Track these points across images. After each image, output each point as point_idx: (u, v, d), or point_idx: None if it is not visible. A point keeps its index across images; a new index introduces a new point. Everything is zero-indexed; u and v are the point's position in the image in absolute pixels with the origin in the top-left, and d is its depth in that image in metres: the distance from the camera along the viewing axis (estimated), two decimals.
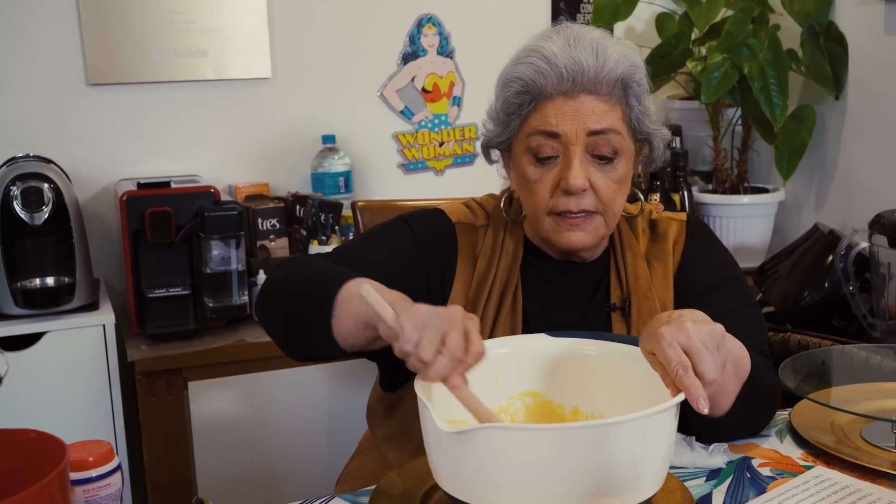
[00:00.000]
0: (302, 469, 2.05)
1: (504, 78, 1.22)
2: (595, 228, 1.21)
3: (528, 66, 1.18)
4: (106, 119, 2.24)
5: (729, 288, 1.28)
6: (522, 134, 1.21)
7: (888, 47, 2.22)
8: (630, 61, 1.19)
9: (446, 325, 0.92)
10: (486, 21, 2.57)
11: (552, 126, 1.17)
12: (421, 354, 0.91)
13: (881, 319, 1.92)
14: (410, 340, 0.91)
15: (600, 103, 1.17)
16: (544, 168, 1.19)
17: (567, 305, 1.28)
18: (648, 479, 0.90)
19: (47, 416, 1.85)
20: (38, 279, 1.90)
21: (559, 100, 1.17)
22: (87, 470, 0.94)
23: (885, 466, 1.08)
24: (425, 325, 0.92)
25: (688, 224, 1.32)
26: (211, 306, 1.99)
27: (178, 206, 1.96)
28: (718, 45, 2.27)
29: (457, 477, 0.90)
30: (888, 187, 2.24)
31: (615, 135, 1.18)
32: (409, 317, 0.92)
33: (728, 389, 1.07)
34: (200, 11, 2.27)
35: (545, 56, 1.17)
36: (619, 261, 1.29)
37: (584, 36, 1.18)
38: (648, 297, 1.25)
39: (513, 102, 1.20)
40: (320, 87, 2.43)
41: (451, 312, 0.94)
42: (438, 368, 0.91)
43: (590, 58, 1.16)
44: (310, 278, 1.11)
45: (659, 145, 1.25)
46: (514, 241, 1.28)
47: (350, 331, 1.03)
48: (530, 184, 1.21)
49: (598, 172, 1.19)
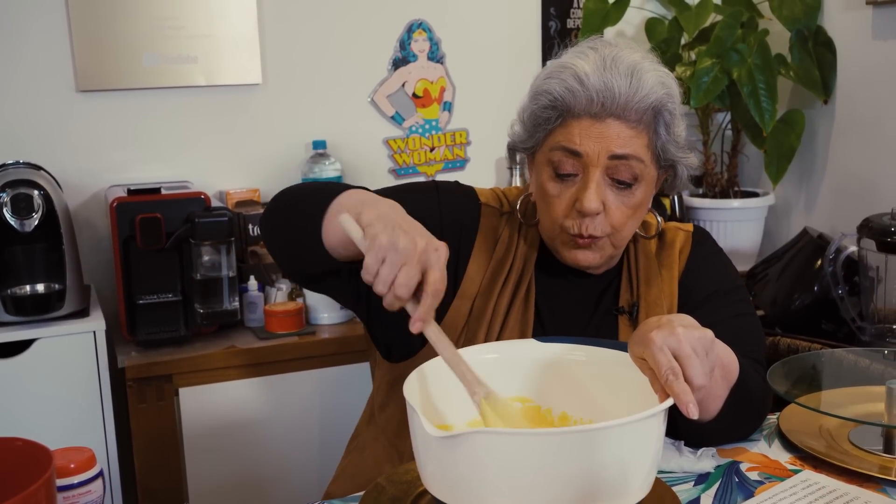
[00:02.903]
0: (293, 475, 2.05)
1: (534, 89, 1.21)
2: (601, 248, 1.22)
3: (559, 83, 1.17)
4: (96, 125, 2.23)
5: (728, 297, 1.29)
6: (546, 146, 1.21)
7: (876, 52, 2.23)
8: (665, 90, 1.18)
9: (403, 258, 0.95)
10: (476, 26, 2.58)
11: (575, 145, 1.17)
12: (376, 288, 0.96)
13: (870, 323, 1.93)
14: (370, 272, 0.96)
15: (627, 129, 1.16)
16: (563, 184, 1.20)
17: (577, 304, 1.29)
18: (637, 484, 0.90)
19: (38, 422, 1.85)
20: (29, 286, 1.90)
21: (586, 121, 1.16)
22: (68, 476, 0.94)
23: (873, 470, 1.08)
24: (384, 258, 0.95)
25: (694, 234, 1.35)
26: (201, 312, 1.99)
27: (168, 213, 1.95)
28: (708, 50, 2.28)
29: (445, 482, 0.90)
30: (877, 191, 2.25)
31: (637, 161, 1.17)
32: (373, 245, 0.96)
33: (716, 394, 1.08)
34: (191, 17, 2.27)
35: (577, 75, 1.15)
36: (633, 264, 1.30)
37: (621, 58, 1.16)
38: (658, 304, 1.27)
39: (540, 115, 1.20)
40: (311, 93, 2.43)
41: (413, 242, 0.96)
42: (388, 302, 0.96)
43: (623, 83, 1.14)
44: (309, 190, 1.17)
45: (683, 173, 1.24)
46: (531, 238, 1.30)
47: (338, 242, 1.07)
48: (548, 198, 1.21)
49: (614, 196, 1.19)
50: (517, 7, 2.63)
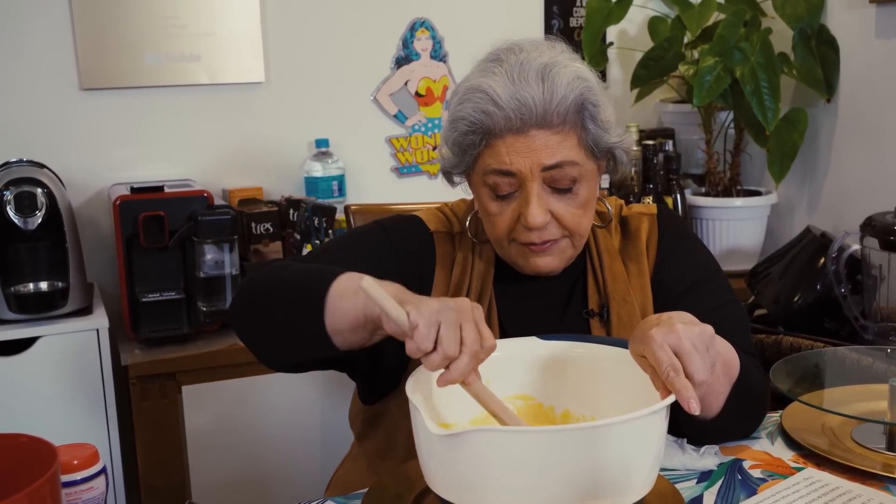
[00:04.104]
0: (295, 473, 2.05)
1: (451, 115, 1.16)
2: (562, 251, 1.19)
3: (473, 107, 1.12)
4: (99, 123, 2.24)
5: (709, 285, 1.26)
6: (479, 169, 1.17)
7: (879, 50, 2.23)
8: (583, 83, 1.12)
9: (460, 318, 0.90)
10: (479, 25, 2.57)
11: (506, 165, 1.12)
12: (447, 352, 0.88)
13: (873, 321, 1.92)
14: (429, 338, 0.88)
15: (552, 135, 1.12)
16: (504, 202, 1.16)
17: (544, 312, 1.26)
18: (639, 482, 0.90)
19: (41, 420, 1.85)
20: (32, 284, 1.90)
21: (510, 137, 1.12)
22: (70, 473, 0.94)
23: (875, 468, 1.08)
24: (439, 321, 0.89)
25: (659, 218, 1.30)
26: (204, 310, 1.99)
27: (171, 211, 1.96)
28: (710, 49, 2.28)
29: (448, 479, 0.90)
30: (879, 190, 2.25)
31: (571, 165, 1.13)
32: (421, 313, 0.89)
33: (718, 390, 1.07)
34: (194, 16, 2.27)
35: (489, 96, 1.11)
36: (596, 263, 1.26)
37: (528, 64, 1.11)
38: (627, 301, 1.23)
39: (463, 142, 1.15)
40: (314, 92, 2.43)
41: (460, 304, 0.91)
42: (461, 365, 0.89)
43: (536, 92, 1.10)
44: (293, 278, 1.07)
45: (622, 157, 1.20)
46: (486, 255, 1.26)
47: (347, 327, 0.98)
48: (492, 217, 1.18)
49: (558, 202, 1.15)
50: (520, 5, 2.63)
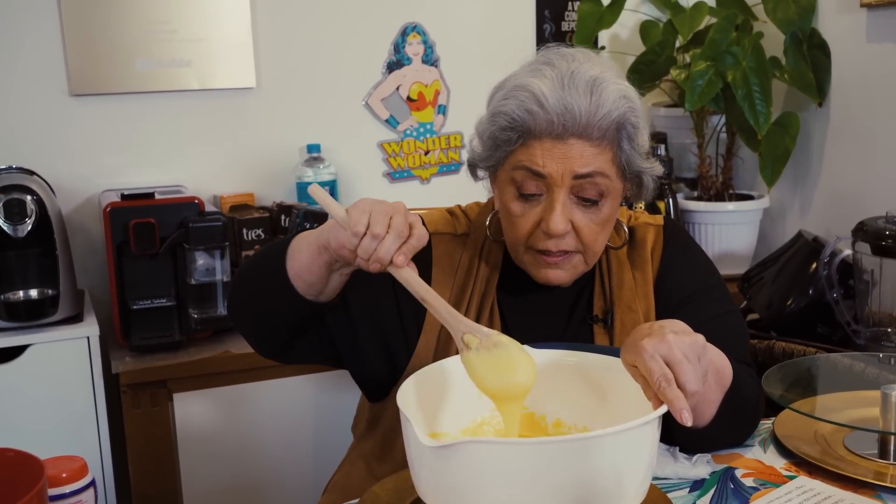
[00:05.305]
0: (288, 480, 2.04)
1: (492, 109, 1.18)
2: (574, 266, 1.20)
3: (517, 105, 1.13)
4: (89, 130, 2.23)
5: (709, 294, 1.27)
6: (508, 164, 1.18)
7: (870, 54, 2.23)
8: (628, 103, 1.14)
9: (391, 209, 1.02)
10: (471, 29, 2.57)
11: (538, 166, 1.14)
12: (374, 230, 0.99)
13: (865, 326, 1.92)
14: (361, 222, 1.00)
15: (590, 147, 1.13)
16: (527, 204, 1.17)
17: (548, 317, 1.27)
18: (631, 492, 0.90)
19: (32, 429, 1.84)
20: (22, 291, 1.89)
21: (548, 142, 1.13)
22: (59, 486, 0.93)
23: (868, 476, 1.08)
24: (371, 209, 1.01)
25: (665, 229, 1.31)
26: (196, 317, 1.98)
27: (162, 218, 1.95)
28: (702, 53, 2.28)
29: (439, 491, 0.90)
30: (871, 194, 2.25)
31: (602, 177, 1.15)
32: (355, 206, 1.03)
33: (710, 399, 1.07)
34: (184, 21, 2.26)
35: (535, 96, 1.12)
36: (604, 269, 1.28)
37: (579, 74, 1.12)
38: (632, 309, 1.24)
39: (499, 137, 1.16)
40: (305, 97, 2.42)
41: (394, 202, 1.04)
42: (388, 243, 0.99)
43: (583, 102, 1.11)
44: (265, 251, 1.20)
45: (648, 183, 1.22)
46: (493, 256, 1.27)
47: (304, 264, 1.10)
48: (512, 217, 1.19)
49: (581, 214, 1.16)
50: (511, 10, 2.63)
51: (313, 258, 1.09)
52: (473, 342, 0.98)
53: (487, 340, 0.98)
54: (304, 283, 1.12)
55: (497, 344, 0.98)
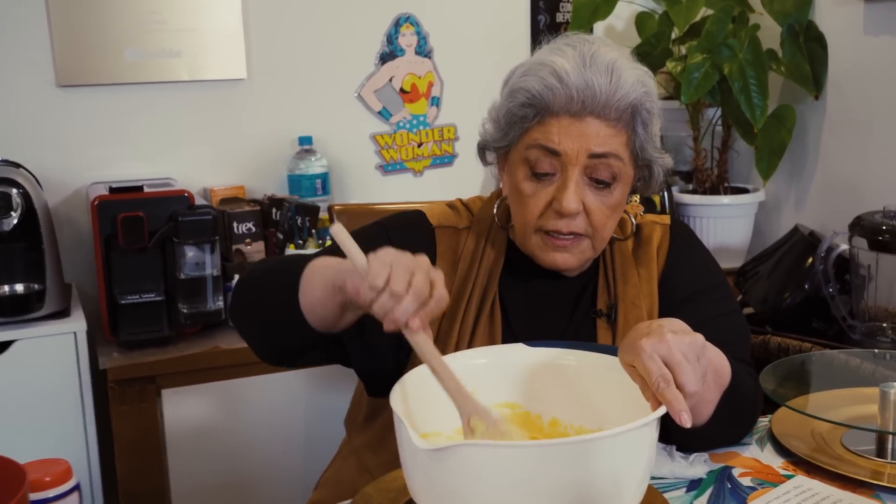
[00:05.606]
0: (278, 476, 2.02)
1: (511, 86, 1.18)
2: (582, 251, 1.20)
3: (538, 80, 1.14)
4: (77, 121, 2.20)
5: (712, 294, 1.27)
6: (522, 144, 1.18)
7: (867, 47, 2.22)
8: (644, 88, 1.16)
9: (413, 265, 0.93)
10: (464, 20, 2.55)
11: (554, 143, 1.14)
12: (394, 288, 0.91)
13: (860, 321, 1.91)
14: (381, 275, 0.92)
15: (606, 127, 1.14)
16: (539, 184, 1.17)
17: (551, 311, 1.26)
18: (629, 494, 0.88)
19: (18, 425, 1.81)
20: (7, 286, 1.86)
21: (565, 119, 1.14)
22: (43, 490, 0.91)
23: (865, 475, 1.07)
24: (393, 262, 0.93)
25: (672, 228, 1.31)
26: (185, 312, 1.96)
27: (151, 211, 1.92)
28: (698, 45, 2.26)
29: (434, 493, 0.88)
30: (868, 188, 2.24)
31: (616, 160, 1.15)
32: (377, 256, 0.94)
33: (708, 399, 1.06)
34: (174, 11, 2.23)
35: (557, 72, 1.13)
36: (609, 264, 1.27)
37: (600, 55, 1.14)
38: (636, 305, 1.24)
39: (516, 114, 1.17)
40: (297, 88, 2.40)
41: (417, 257, 0.96)
42: (406, 305, 0.91)
43: (603, 81, 1.12)
44: (277, 266, 1.14)
45: (659, 173, 1.23)
46: (498, 246, 1.26)
47: (317, 299, 1.04)
48: (523, 197, 1.19)
49: (593, 196, 1.17)
50: (506, 1, 2.60)
51: (327, 296, 1.03)
52: (479, 428, 0.93)
53: (494, 429, 0.94)
54: (317, 317, 1.07)
55: (504, 434, 0.94)
